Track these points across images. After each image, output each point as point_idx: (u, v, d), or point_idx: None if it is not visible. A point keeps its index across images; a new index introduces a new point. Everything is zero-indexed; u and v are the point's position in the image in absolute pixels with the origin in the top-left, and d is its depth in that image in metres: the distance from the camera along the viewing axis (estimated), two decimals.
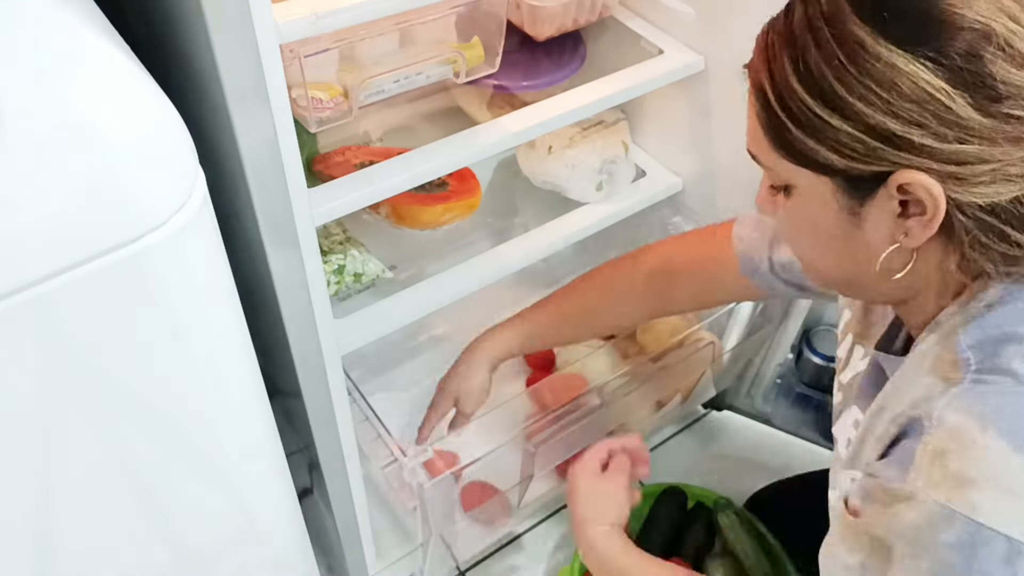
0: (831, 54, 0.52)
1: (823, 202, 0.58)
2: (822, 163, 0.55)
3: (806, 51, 0.54)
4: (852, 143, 0.53)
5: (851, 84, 0.52)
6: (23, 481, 0.51)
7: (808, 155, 0.56)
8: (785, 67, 0.55)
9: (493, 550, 1.28)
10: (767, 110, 0.58)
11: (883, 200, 0.55)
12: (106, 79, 0.44)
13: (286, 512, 0.74)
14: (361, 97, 0.82)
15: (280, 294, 0.71)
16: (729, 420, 1.46)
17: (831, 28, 0.53)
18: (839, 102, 0.52)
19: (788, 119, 0.56)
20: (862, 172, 0.54)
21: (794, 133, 0.56)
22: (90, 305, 0.45)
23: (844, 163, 0.54)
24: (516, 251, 1.03)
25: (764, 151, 0.60)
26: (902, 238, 0.56)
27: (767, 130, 0.59)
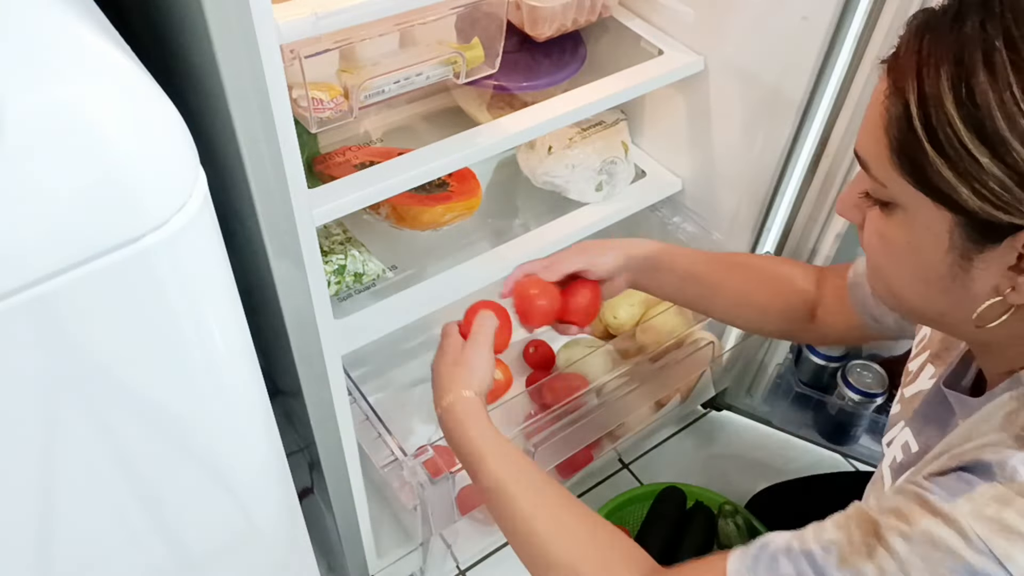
0: (1005, 84, 0.45)
1: (933, 235, 0.52)
2: (951, 198, 0.49)
3: (973, 73, 0.46)
4: (997, 188, 0.47)
5: (1019, 124, 0.45)
6: (23, 481, 0.51)
7: (938, 185, 0.49)
8: (941, 84, 0.48)
9: (493, 550, 1.28)
10: (904, 124, 0.50)
11: (1004, 251, 0.50)
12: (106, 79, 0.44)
13: (286, 512, 0.74)
14: (361, 97, 0.82)
15: (280, 294, 0.71)
16: (728, 420, 1.46)
17: (1012, 54, 0.45)
18: (998, 140, 0.46)
19: (929, 141, 0.49)
20: (995, 219, 0.48)
21: (931, 158, 0.49)
22: (90, 305, 0.45)
23: (978, 205, 0.48)
24: (516, 251, 1.03)
25: (880, 161, 0.53)
26: (1007, 292, 0.52)
27: (895, 143, 0.51)
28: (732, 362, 1.30)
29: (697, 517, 1.20)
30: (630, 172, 1.15)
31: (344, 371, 0.86)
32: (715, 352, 1.17)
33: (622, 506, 1.22)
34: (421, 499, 0.94)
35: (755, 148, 1.05)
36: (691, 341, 1.14)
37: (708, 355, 1.16)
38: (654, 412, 1.29)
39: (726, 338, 1.23)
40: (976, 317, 0.54)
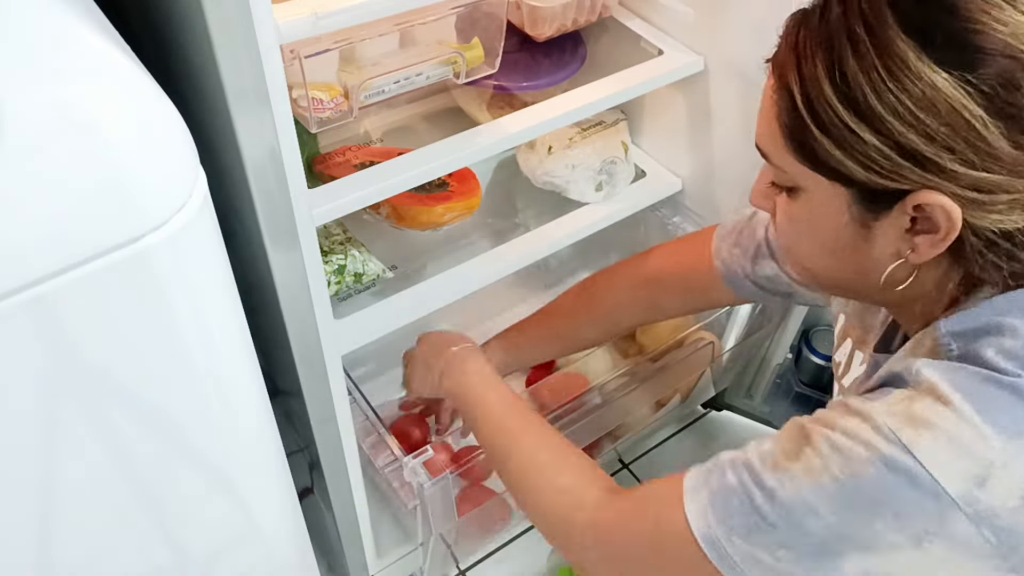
0: (871, 65, 0.50)
1: (833, 210, 0.57)
2: (842, 173, 0.54)
3: (843, 58, 0.51)
4: (879, 158, 0.52)
5: (888, 99, 0.50)
6: (23, 481, 0.51)
7: (828, 163, 0.54)
8: (818, 71, 0.53)
9: (493, 550, 1.28)
10: (791, 111, 0.56)
11: (896, 215, 0.54)
12: (106, 79, 0.44)
13: (286, 512, 0.74)
14: (361, 97, 0.82)
15: (280, 294, 0.71)
16: (728, 420, 1.46)
17: (872, 38, 0.50)
18: (872, 115, 0.51)
19: (814, 124, 0.54)
20: (883, 187, 0.53)
21: (818, 139, 0.54)
22: (90, 305, 0.45)
23: (866, 176, 0.53)
24: (516, 251, 1.03)
25: (777, 150, 0.59)
26: (908, 253, 0.55)
27: (787, 131, 0.57)
28: (732, 362, 1.30)
29: None
30: (630, 172, 1.15)
31: (344, 371, 0.86)
32: (715, 352, 1.17)
33: None
34: (421, 499, 0.94)
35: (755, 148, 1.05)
36: (691, 341, 1.14)
37: (708, 355, 1.16)
38: (654, 412, 1.29)
39: (726, 338, 1.23)
40: (884, 281, 0.58)
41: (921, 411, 0.52)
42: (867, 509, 0.53)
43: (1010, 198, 0.51)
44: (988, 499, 0.50)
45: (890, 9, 0.50)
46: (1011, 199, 0.51)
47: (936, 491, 0.51)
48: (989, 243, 0.53)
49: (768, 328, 1.22)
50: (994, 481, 0.50)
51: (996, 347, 0.53)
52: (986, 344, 0.54)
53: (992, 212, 0.51)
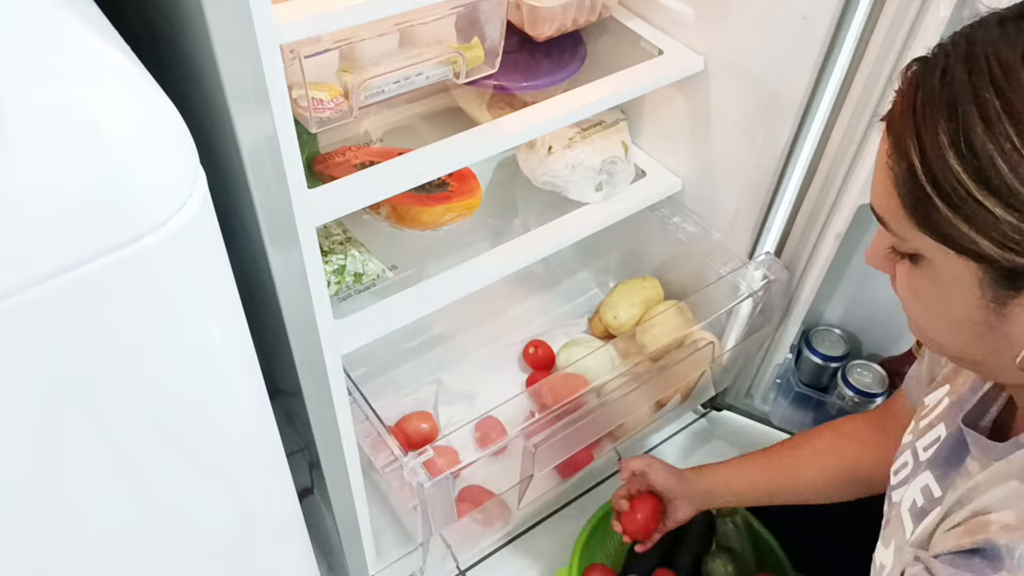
0: (1002, 134, 0.45)
1: (963, 285, 0.52)
2: (974, 250, 0.49)
3: (970, 126, 0.46)
4: (1016, 235, 0.47)
5: (1021, 171, 0.45)
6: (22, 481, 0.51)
7: (956, 238, 0.49)
8: (940, 139, 0.48)
9: (493, 550, 1.28)
10: (912, 182, 0.50)
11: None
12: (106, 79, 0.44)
13: (286, 512, 0.74)
14: (361, 97, 0.82)
15: (280, 294, 0.71)
16: (729, 420, 1.46)
17: (1003, 103, 0.45)
18: (1006, 190, 0.46)
19: (938, 197, 0.49)
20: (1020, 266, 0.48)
21: (944, 214, 0.49)
22: (90, 305, 0.45)
23: (1000, 255, 0.48)
24: (516, 251, 1.03)
25: (897, 219, 0.53)
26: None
27: (907, 200, 0.51)
28: (732, 362, 1.30)
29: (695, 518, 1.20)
30: (630, 172, 1.14)
31: (344, 371, 0.86)
32: (715, 352, 1.17)
33: None
34: (421, 499, 0.94)
35: (755, 148, 1.05)
36: (691, 341, 1.14)
37: (708, 355, 1.16)
38: (654, 412, 1.29)
39: (726, 338, 1.23)
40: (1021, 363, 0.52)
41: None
42: None
43: None
44: None
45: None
46: None
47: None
48: None
49: (768, 328, 1.22)
50: None
51: None
52: None
53: None
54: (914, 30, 0.83)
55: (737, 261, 1.15)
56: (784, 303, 1.18)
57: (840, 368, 1.29)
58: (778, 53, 0.96)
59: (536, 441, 1.00)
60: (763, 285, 1.12)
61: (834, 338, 1.32)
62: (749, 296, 1.13)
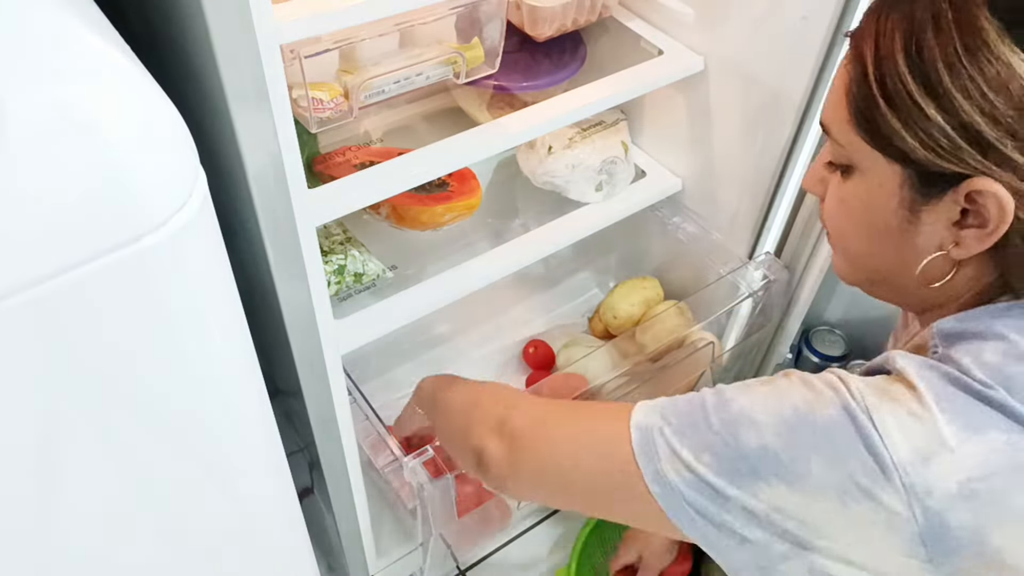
0: (948, 40, 0.49)
1: (885, 191, 0.56)
2: (901, 150, 0.53)
3: (922, 31, 0.51)
4: (941, 137, 0.51)
5: (960, 76, 0.49)
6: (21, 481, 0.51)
7: (889, 138, 0.54)
8: (895, 43, 0.52)
9: (493, 550, 1.28)
10: (862, 83, 0.55)
11: (947, 204, 0.53)
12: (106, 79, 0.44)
13: (286, 512, 0.74)
14: (361, 98, 0.82)
15: (280, 294, 0.71)
16: None
17: (956, 13, 0.50)
18: (942, 92, 0.50)
19: (882, 96, 0.53)
20: (940, 169, 0.52)
21: (883, 112, 0.53)
22: (89, 305, 0.45)
23: (924, 155, 0.52)
24: (516, 251, 1.03)
25: (841, 124, 0.58)
26: (951, 247, 0.55)
27: (853, 103, 0.56)
28: (732, 362, 1.30)
29: None
30: (630, 172, 1.14)
31: (344, 371, 0.86)
32: (715, 352, 1.17)
33: None
34: (421, 499, 0.94)
35: (755, 148, 1.05)
36: (691, 341, 1.14)
37: (708, 355, 1.16)
38: None
39: (726, 338, 1.23)
40: (920, 272, 0.57)
41: (889, 388, 0.53)
42: (809, 443, 0.53)
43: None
44: (926, 476, 0.50)
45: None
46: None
47: (880, 451, 0.51)
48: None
49: (768, 328, 1.22)
50: (938, 461, 0.50)
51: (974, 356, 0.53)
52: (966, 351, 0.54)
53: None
54: None
55: (737, 261, 1.15)
56: (784, 303, 1.18)
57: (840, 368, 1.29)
58: (778, 53, 0.96)
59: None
60: (763, 285, 1.12)
61: (834, 338, 1.32)
62: (749, 296, 1.13)
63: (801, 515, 0.53)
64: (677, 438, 0.57)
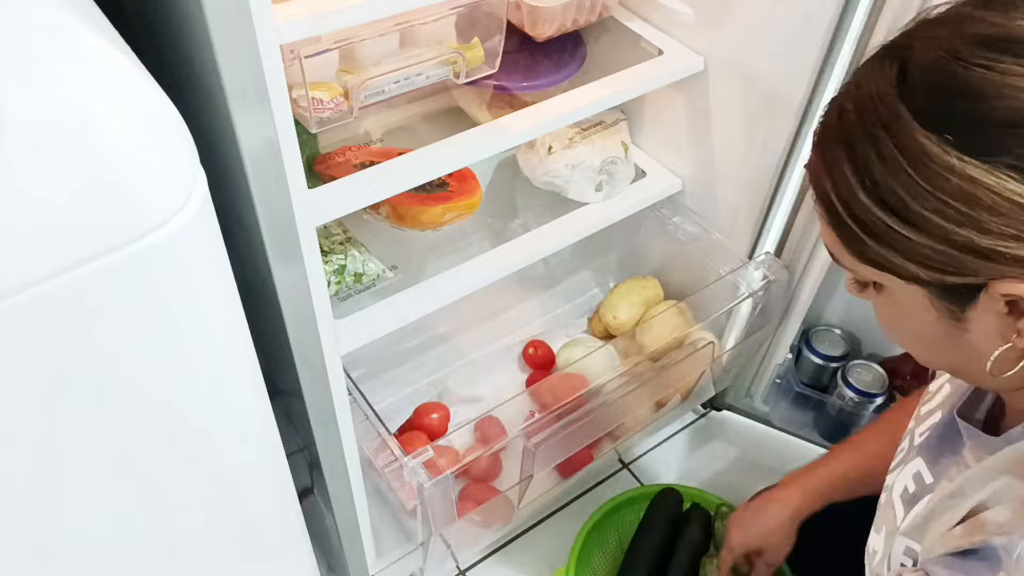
0: (897, 167, 0.48)
1: (918, 306, 0.54)
2: (907, 274, 0.51)
3: (868, 163, 0.49)
4: (936, 256, 0.49)
5: (924, 197, 0.47)
6: (22, 481, 0.51)
7: (890, 267, 0.52)
8: (849, 179, 0.50)
9: (493, 550, 1.28)
10: (838, 222, 0.53)
11: (987, 303, 0.50)
12: (106, 79, 0.44)
13: (286, 512, 0.74)
14: (361, 97, 0.82)
15: (281, 294, 0.71)
16: (728, 420, 1.46)
17: (892, 138, 0.48)
18: (913, 216, 0.48)
19: (862, 232, 0.51)
20: (954, 283, 0.50)
21: (869, 244, 0.51)
22: (90, 305, 0.45)
23: (932, 276, 0.50)
24: (516, 251, 1.03)
25: (842, 254, 0.56)
26: (1015, 338, 0.51)
27: (842, 239, 0.54)
28: (732, 362, 1.30)
29: (694, 518, 1.20)
30: (630, 172, 1.14)
31: (344, 371, 0.86)
32: (715, 352, 1.17)
33: (618, 508, 1.22)
34: (421, 499, 0.94)
35: (755, 148, 1.05)
36: (691, 341, 1.14)
37: (708, 355, 1.16)
38: (654, 412, 1.29)
39: (726, 338, 1.23)
40: (991, 367, 0.54)
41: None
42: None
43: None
44: None
45: (903, 104, 0.48)
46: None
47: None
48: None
49: (768, 328, 1.22)
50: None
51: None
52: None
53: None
54: None
55: (737, 261, 1.15)
56: (784, 303, 1.18)
57: (840, 368, 1.29)
58: (778, 53, 0.96)
59: (536, 441, 1.00)
60: (763, 285, 1.12)
61: (834, 338, 1.32)
62: (749, 296, 1.13)
63: None
64: None
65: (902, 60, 0.49)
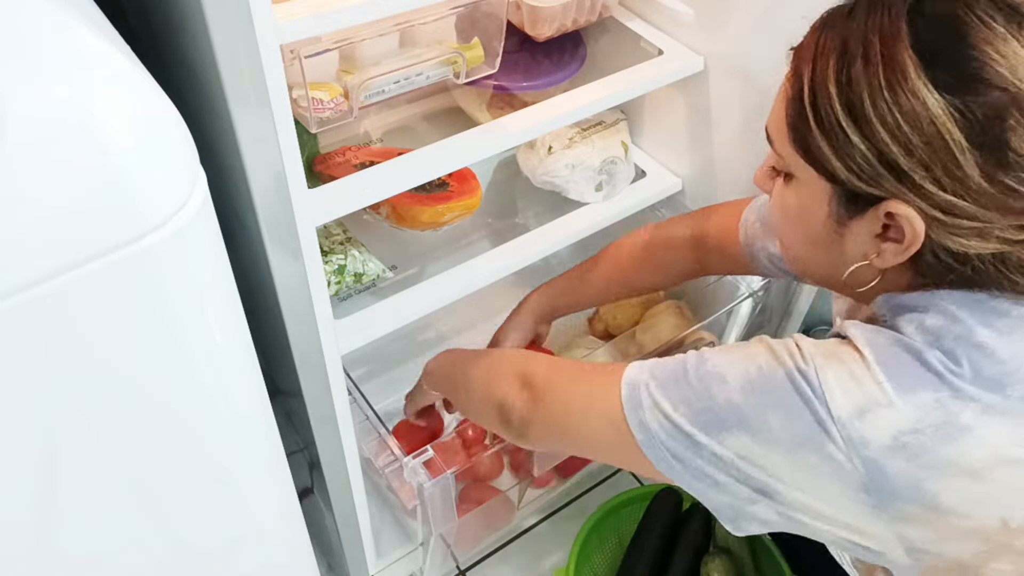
0: (874, 73, 0.53)
1: (817, 202, 0.61)
2: (828, 169, 0.58)
3: (853, 61, 0.55)
4: (861, 161, 0.55)
5: (880, 107, 0.53)
6: (23, 481, 0.51)
7: (818, 157, 0.58)
8: (829, 68, 0.56)
9: (493, 550, 1.28)
10: (798, 102, 0.59)
11: (869, 219, 0.58)
12: (106, 79, 0.44)
13: (286, 512, 0.74)
14: (361, 98, 0.82)
15: (281, 294, 0.71)
16: None
17: (883, 47, 0.53)
18: (863, 120, 0.54)
19: (813, 117, 0.57)
20: (861, 190, 0.57)
21: (813, 132, 0.57)
22: (90, 305, 0.45)
23: (847, 177, 0.57)
24: (516, 251, 1.03)
25: (780, 136, 0.62)
26: (874, 257, 0.60)
27: (790, 119, 0.60)
28: None
29: (693, 519, 1.20)
30: (630, 172, 1.15)
31: (344, 371, 0.86)
32: None
33: (618, 508, 1.22)
34: (421, 499, 0.94)
35: (755, 148, 1.05)
36: (691, 341, 1.14)
37: None
38: None
39: (726, 338, 1.23)
40: (847, 277, 0.62)
41: (838, 350, 0.59)
42: (766, 400, 0.59)
43: (972, 225, 0.54)
44: (862, 429, 0.56)
45: (907, 25, 0.53)
46: (972, 227, 0.54)
47: (822, 407, 0.57)
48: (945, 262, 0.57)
49: (768, 328, 1.22)
50: (872, 416, 0.56)
51: (917, 323, 0.58)
52: (909, 320, 0.59)
53: (954, 234, 0.55)
54: None
55: None
56: (784, 303, 1.18)
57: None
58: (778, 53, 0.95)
59: None
60: (763, 285, 1.12)
61: None
62: (749, 296, 1.13)
63: (762, 463, 0.59)
64: (659, 391, 0.63)
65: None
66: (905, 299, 0.61)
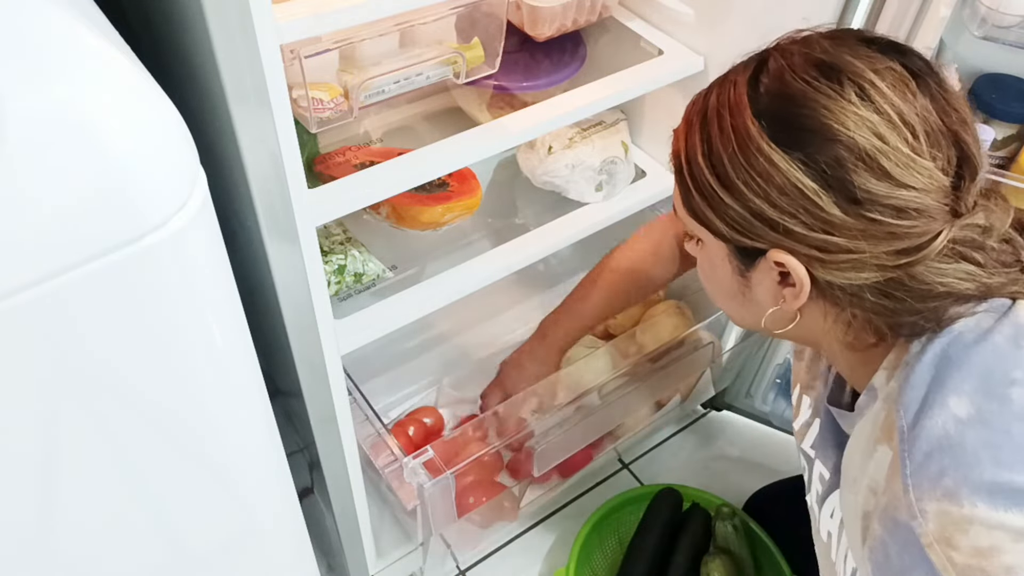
0: (728, 140, 0.60)
1: (720, 260, 0.67)
2: (716, 229, 0.64)
3: (712, 133, 0.62)
4: (739, 219, 0.61)
5: (739, 170, 0.59)
6: (23, 480, 0.51)
7: (705, 220, 0.64)
8: (696, 142, 0.63)
9: (493, 550, 1.28)
10: (680, 175, 0.66)
11: (764, 270, 0.63)
12: (107, 79, 0.44)
13: (286, 512, 0.74)
14: (361, 98, 0.82)
15: (281, 294, 0.71)
16: (728, 420, 1.46)
17: (732, 118, 0.60)
18: (730, 183, 0.60)
19: (693, 187, 0.64)
20: (745, 245, 0.62)
21: (696, 200, 0.64)
22: (90, 305, 0.45)
23: (731, 235, 0.63)
24: (516, 251, 1.03)
25: (679, 206, 0.68)
26: (781, 302, 0.64)
27: (680, 191, 0.66)
28: (732, 362, 1.30)
29: (693, 519, 1.20)
30: (630, 172, 1.14)
31: (344, 371, 0.86)
32: (715, 352, 1.17)
33: (618, 508, 1.22)
34: (421, 499, 0.94)
35: None
36: (691, 341, 1.14)
37: (708, 355, 1.16)
38: (654, 412, 1.29)
39: (726, 338, 1.23)
40: (765, 324, 0.67)
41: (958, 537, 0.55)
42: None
43: (849, 257, 0.58)
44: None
45: (748, 99, 0.60)
46: (850, 258, 0.58)
47: None
48: (848, 295, 0.60)
49: None
50: None
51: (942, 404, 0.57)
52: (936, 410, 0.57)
53: (834, 269, 0.59)
54: (914, 31, 0.83)
55: None
56: None
57: None
58: None
59: (536, 441, 1.00)
60: None
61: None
62: None
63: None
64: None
65: (760, 61, 0.62)
66: (915, 389, 0.59)
